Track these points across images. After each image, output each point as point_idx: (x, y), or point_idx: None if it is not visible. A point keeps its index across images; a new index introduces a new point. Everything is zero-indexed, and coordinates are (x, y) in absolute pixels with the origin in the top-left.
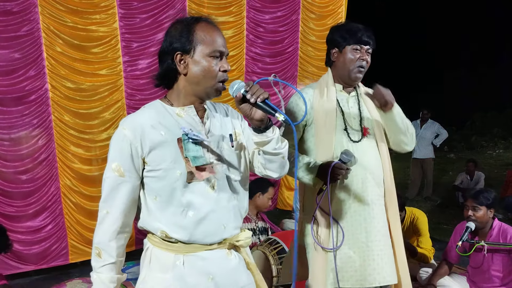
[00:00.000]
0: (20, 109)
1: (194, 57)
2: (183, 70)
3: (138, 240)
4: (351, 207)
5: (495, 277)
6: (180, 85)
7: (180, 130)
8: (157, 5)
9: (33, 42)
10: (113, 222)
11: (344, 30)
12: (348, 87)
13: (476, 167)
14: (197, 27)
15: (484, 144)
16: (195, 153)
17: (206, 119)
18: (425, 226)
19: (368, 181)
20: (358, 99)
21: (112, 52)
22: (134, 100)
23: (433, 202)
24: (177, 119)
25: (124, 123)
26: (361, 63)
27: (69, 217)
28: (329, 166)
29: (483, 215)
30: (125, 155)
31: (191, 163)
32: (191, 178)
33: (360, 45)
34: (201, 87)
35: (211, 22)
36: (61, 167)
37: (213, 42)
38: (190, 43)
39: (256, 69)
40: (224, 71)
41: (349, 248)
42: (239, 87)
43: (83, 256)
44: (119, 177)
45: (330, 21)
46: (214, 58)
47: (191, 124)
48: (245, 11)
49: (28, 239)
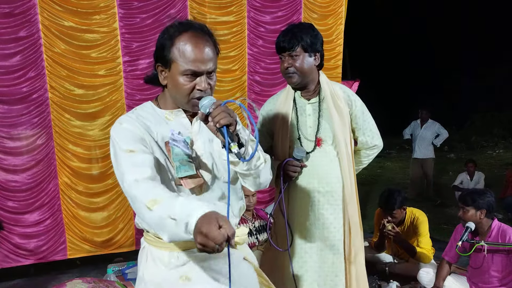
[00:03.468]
0: (20, 109)
1: (170, 72)
2: (162, 81)
3: (138, 240)
4: (303, 217)
5: (495, 277)
6: (166, 92)
7: (167, 132)
8: (158, 5)
9: (33, 44)
10: (146, 178)
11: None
12: (306, 92)
13: (476, 167)
14: (178, 40)
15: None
16: (179, 158)
17: (195, 120)
18: (425, 226)
19: (319, 192)
20: (319, 106)
21: (112, 52)
22: (134, 100)
23: (433, 202)
24: (166, 122)
25: (121, 120)
26: (285, 70)
27: (67, 213)
28: (281, 164)
29: (471, 216)
30: (135, 137)
31: (175, 171)
32: (179, 183)
33: (281, 53)
34: (177, 101)
35: (199, 33)
36: (59, 165)
37: (190, 60)
38: (168, 56)
39: (259, 69)
40: (199, 89)
41: (305, 254)
42: (206, 105)
43: (81, 252)
44: (131, 152)
45: (331, 21)
46: (188, 76)
47: (180, 127)
48: (245, 11)
49: (27, 232)
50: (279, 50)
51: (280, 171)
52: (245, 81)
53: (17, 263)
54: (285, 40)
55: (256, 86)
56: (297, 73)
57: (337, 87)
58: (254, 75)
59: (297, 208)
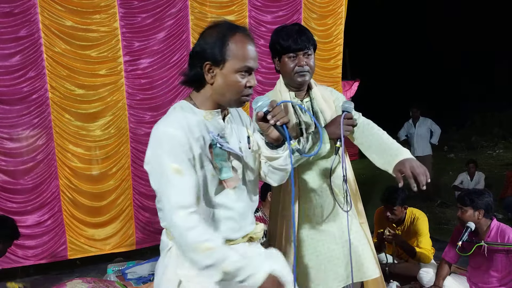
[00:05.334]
0: (20, 109)
1: (223, 70)
2: (210, 80)
3: (138, 240)
4: (316, 216)
5: (494, 277)
6: (207, 91)
7: (209, 134)
8: (158, 4)
9: (33, 43)
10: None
11: (278, 38)
12: (300, 92)
13: (476, 167)
14: (232, 39)
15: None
16: (222, 158)
17: (227, 123)
18: (425, 226)
19: (327, 187)
20: (312, 105)
21: (112, 52)
22: (135, 100)
23: (433, 202)
24: (205, 122)
25: (170, 123)
26: (300, 68)
27: (68, 213)
28: (338, 120)
29: (469, 216)
30: (183, 149)
31: (219, 173)
32: (220, 184)
33: (294, 52)
34: (226, 99)
35: (247, 35)
36: (60, 166)
37: (244, 58)
38: (221, 56)
39: (260, 68)
40: (250, 86)
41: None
42: (262, 105)
43: (81, 252)
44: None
45: (330, 20)
46: (242, 74)
47: (217, 128)
48: (247, 10)
49: (27, 233)
50: (292, 50)
51: (341, 125)
52: None
53: (18, 264)
54: (303, 40)
55: (258, 85)
56: (310, 71)
57: (321, 87)
58: (256, 74)
59: (305, 203)
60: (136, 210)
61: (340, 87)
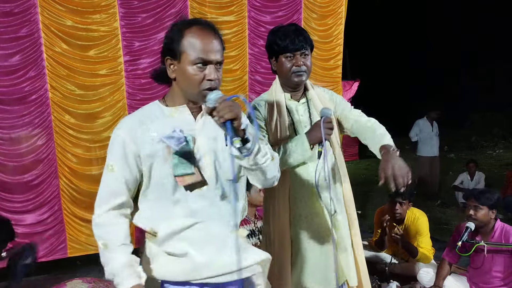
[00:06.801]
0: (20, 109)
1: (180, 64)
2: (171, 75)
3: (137, 239)
4: (307, 219)
5: (497, 278)
6: (174, 88)
7: (169, 130)
8: (158, 4)
9: (33, 43)
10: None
11: (275, 38)
12: (296, 93)
13: (477, 167)
14: (188, 32)
15: (484, 144)
16: (179, 155)
17: (200, 117)
18: (426, 226)
19: (315, 191)
20: (308, 106)
21: (112, 51)
22: (135, 100)
23: (433, 202)
24: (169, 120)
25: (121, 124)
26: (298, 68)
27: (68, 212)
28: (318, 124)
29: (484, 215)
30: (124, 148)
31: (173, 169)
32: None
33: (292, 52)
34: (188, 93)
35: (206, 27)
36: (60, 166)
37: (200, 50)
38: (178, 48)
39: (259, 69)
40: (209, 80)
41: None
42: (212, 99)
43: (81, 251)
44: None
45: (330, 21)
46: (199, 66)
47: (183, 124)
48: (246, 10)
49: (27, 231)
50: (289, 50)
51: (321, 129)
52: (246, 80)
53: None
54: (301, 40)
55: (257, 85)
56: (307, 71)
57: (319, 89)
58: (255, 74)
59: (299, 206)
60: None
61: (340, 87)
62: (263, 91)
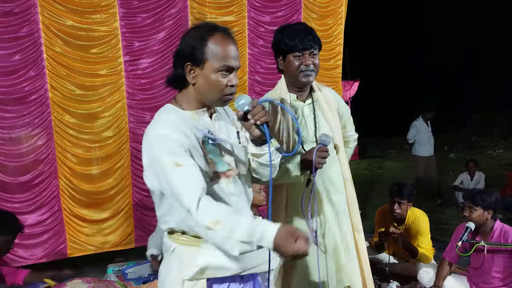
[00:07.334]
0: (20, 109)
1: (203, 70)
2: (191, 80)
3: (137, 238)
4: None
5: (496, 278)
6: (190, 92)
7: (199, 132)
8: (158, 4)
9: (33, 43)
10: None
11: (283, 37)
12: (302, 93)
13: (477, 167)
14: (211, 39)
15: (484, 144)
16: (216, 154)
17: (214, 120)
18: (426, 226)
19: (330, 191)
20: (314, 107)
21: (112, 51)
22: (135, 100)
23: (433, 202)
24: (193, 122)
25: (159, 126)
26: (306, 67)
27: (67, 212)
28: (311, 152)
29: (478, 216)
30: (178, 146)
31: (215, 167)
32: (216, 178)
33: (301, 51)
34: (209, 98)
35: (227, 34)
36: (60, 166)
37: (224, 57)
38: (201, 56)
39: (259, 69)
40: (232, 85)
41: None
42: (243, 104)
43: (80, 251)
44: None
45: (330, 21)
46: (223, 73)
47: (205, 127)
48: (246, 10)
49: (27, 232)
50: (298, 49)
51: (313, 157)
52: (246, 81)
53: (17, 264)
54: (309, 39)
55: (256, 85)
56: (315, 71)
57: (324, 88)
58: (255, 74)
59: (293, 214)
60: (135, 208)
61: (340, 87)
62: (262, 91)
